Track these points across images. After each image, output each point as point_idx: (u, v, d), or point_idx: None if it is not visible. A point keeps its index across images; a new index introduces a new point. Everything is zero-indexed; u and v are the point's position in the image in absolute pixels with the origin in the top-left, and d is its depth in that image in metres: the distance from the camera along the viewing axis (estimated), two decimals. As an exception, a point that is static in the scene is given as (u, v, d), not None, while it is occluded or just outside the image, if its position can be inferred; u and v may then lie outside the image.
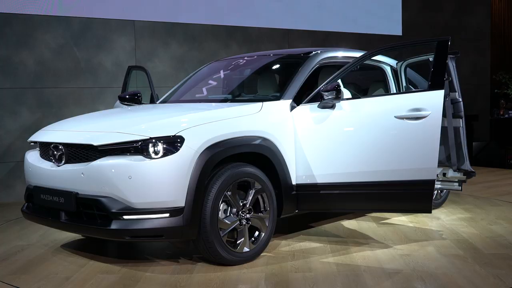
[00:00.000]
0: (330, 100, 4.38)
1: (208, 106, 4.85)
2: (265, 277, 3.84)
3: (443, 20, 11.41)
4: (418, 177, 4.31)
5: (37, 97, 7.57)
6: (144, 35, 8.30)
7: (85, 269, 4.09)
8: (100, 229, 3.86)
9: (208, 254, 4.01)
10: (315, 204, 4.57)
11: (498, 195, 7.12)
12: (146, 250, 4.66)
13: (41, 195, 4.20)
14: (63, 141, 4.12)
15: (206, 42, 8.79)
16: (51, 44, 7.63)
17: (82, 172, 3.90)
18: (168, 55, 8.49)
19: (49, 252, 4.62)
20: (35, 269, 4.13)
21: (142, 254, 4.58)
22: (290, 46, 9.50)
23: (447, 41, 4.38)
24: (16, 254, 4.58)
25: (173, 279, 3.81)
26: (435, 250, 4.53)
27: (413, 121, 4.29)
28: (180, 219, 3.79)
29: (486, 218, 5.75)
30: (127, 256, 4.51)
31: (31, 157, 4.51)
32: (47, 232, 5.27)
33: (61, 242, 4.90)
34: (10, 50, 7.38)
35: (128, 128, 3.98)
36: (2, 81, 7.35)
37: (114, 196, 3.77)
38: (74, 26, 7.78)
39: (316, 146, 4.43)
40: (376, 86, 5.73)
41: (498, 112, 11.59)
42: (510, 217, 5.79)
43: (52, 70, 7.64)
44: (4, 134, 7.38)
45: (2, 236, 5.24)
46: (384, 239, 4.88)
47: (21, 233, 5.32)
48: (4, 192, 7.39)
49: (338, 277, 3.83)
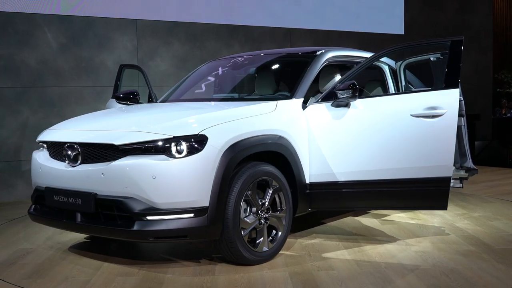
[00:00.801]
0: (346, 98, 4.38)
1: (223, 105, 4.79)
2: (290, 276, 3.82)
3: (445, 19, 11.40)
4: (434, 175, 4.35)
5: (39, 96, 7.57)
6: (146, 34, 8.30)
7: (102, 272, 3.99)
8: (122, 230, 3.78)
9: (230, 254, 3.97)
10: (328, 202, 4.58)
11: (500, 194, 7.11)
12: (157, 250, 4.60)
13: (54, 197, 4.08)
14: (79, 141, 4.01)
15: (208, 41, 8.79)
16: (53, 43, 7.63)
17: (102, 172, 3.81)
18: (170, 54, 8.49)
19: (56, 254, 4.51)
20: (48, 273, 4.01)
21: (155, 255, 4.51)
22: (292, 45, 9.50)
23: (461, 41, 4.43)
24: (23, 257, 4.46)
25: (197, 281, 3.74)
26: (447, 246, 4.56)
27: (429, 119, 4.32)
28: (205, 219, 3.74)
29: (483, 214, 5.81)
30: (140, 257, 4.46)
31: (40, 157, 4.38)
32: (50, 234, 5.20)
33: (67, 244, 4.81)
34: (12, 49, 7.38)
35: (150, 127, 3.91)
36: (4, 80, 7.36)
37: (136, 196, 3.70)
38: (76, 25, 7.78)
39: (331, 145, 4.44)
40: (374, 86, 5.74)
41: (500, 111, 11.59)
42: (506, 213, 5.86)
43: (54, 69, 7.64)
44: (6, 133, 7.38)
45: (4, 238, 5.18)
46: (392, 236, 4.91)
47: (24, 235, 5.24)
48: (6, 191, 7.40)
49: (362, 275, 3.84)
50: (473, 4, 11.70)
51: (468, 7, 11.63)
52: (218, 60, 5.97)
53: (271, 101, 4.46)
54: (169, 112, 4.59)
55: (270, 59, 5.64)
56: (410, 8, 10.87)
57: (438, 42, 4.75)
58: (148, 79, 6.00)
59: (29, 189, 7.41)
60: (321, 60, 4.89)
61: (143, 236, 3.73)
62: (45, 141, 4.41)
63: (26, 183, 7.49)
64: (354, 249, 4.49)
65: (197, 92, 5.69)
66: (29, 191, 7.41)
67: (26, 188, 7.49)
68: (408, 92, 4.78)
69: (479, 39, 11.68)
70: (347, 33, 10.10)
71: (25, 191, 7.50)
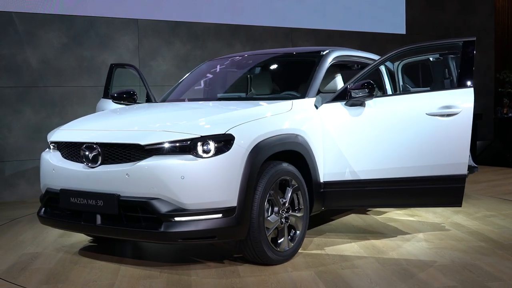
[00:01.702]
0: (362, 98, 4.39)
1: (238, 104, 4.73)
2: (317, 275, 3.81)
3: (446, 18, 11.38)
4: (449, 172, 4.39)
5: (41, 96, 7.58)
6: (147, 34, 8.30)
7: (122, 276, 3.88)
8: (149, 232, 3.70)
9: (254, 254, 3.95)
10: (342, 201, 4.60)
11: (502, 194, 7.10)
12: (169, 251, 4.54)
13: (71, 199, 3.96)
14: (100, 141, 3.90)
15: (209, 40, 8.79)
16: (55, 43, 7.64)
17: (127, 173, 3.72)
18: (172, 53, 8.49)
19: (66, 258, 4.38)
20: (66, 278, 3.88)
21: (168, 256, 4.47)
22: (294, 44, 9.49)
23: (473, 41, 4.52)
24: (32, 261, 4.32)
25: (226, 283, 3.69)
26: (457, 243, 4.61)
27: (444, 118, 4.37)
28: (233, 219, 3.71)
29: (485, 213, 5.85)
30: (154, 258, 4.37)
31: (53, 158, 4.22)
32: (53, 236, 5.10)
33: (74, 247, 4.70)
34: (13, 49, 7.38)
35: (175, 127, 3.86)
36: (5, 80, 7.36)
37: (163, 197, 3.64)
38: (77, 25, 7.78)
39: (346, 144, 4.46)
40: None
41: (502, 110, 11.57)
42: (509, 212, 5.91)
43: (56, 69, 7.65)
44: (8, 133, 7.39)
45: (7, 240, 5.09)
46: (399, 233, 4.97)
47: (27, 237, 5.14)
48: (8, 191, 7.40)
49: (387, 272, 3.87)
50: (474, 4, 11.68)
51: (469, 6, 11.61)
52: (217, 60, 5.92)
53: (287, 100, 4.47)
54: (189, 112, 4.55)
55: (275, 59, 5.64)
56: (412, 7, 10.86)
57: (450, 43, 4.81)
58: (145, 78, 5.92)
59: (31, 189, 7.46)
60: (328, 60, 4.91)
61: (171, 237, 3.67)
62: (59, 142, 4.26)
63: (27, 182, 7.50)
64: (368, 247, 4.52)
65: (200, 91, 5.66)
66: (31, 190, 7.47)
67: (28, 187, 7.50)
68: (423, 91, 4.81)
69: (480, 39, 11.66)
70: (349, 32, 10.10)
71: (27, 191, 7.50)
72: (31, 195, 7.51)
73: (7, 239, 5.09)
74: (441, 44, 4.89)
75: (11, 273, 4.01)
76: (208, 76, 5.77)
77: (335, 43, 9.73)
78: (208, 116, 4.15)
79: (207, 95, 5.63)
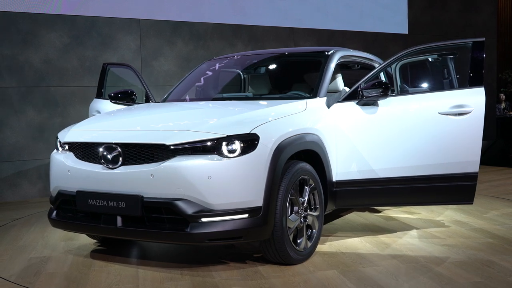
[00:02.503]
0: (376, 97, 4.42)
1: (255, 104, 4.67)
2: (342, 274, 3.82)
3: (448, 18, 11.37)
4: (461, 171, 4.47)
5: (43, 96, 7.59)
6: (149, 34, 8.30)
7: (144, 279, 3.79)
8: (175, 233, 3.66)
9: (276, 254, 3.93)
10: (354, 200, 4.63)
11: (504, 194, 7.09)
12: (181, 252, 4.52)
13: (89, 201, 3.85)
14: (121, 141, 3.81)
15: (211, 40, 8.79)
16: (57, 43, 7.65)
17: (152, 173, 3.66)
18: (174, 53, 8.49)
19: (78, 261, 4.27)
20: (86, 282, 3.76)
21: (182, 257, 4.41)
22: (296, 44, 9.49)
23: (483, 42, 4.59)
24: (43, 265, 4.19)
25: (253, 284, 3.65)
26: (466, 239, 4.68)
27: (456, 117, 4.43)
28: (259, 219, 3.69)
29: (481, 210, 5.91)
30: (169, 260, 4.29)
31: (67, 159, 4.10)
32: (57, 238, 5.01)
33: (82, 249, 4.60)
34: (15, 49, 7.39)
35: (200, 126, 3.81)
36: (7, 80, 7.37)
37: (190, 198, 3.60)
38: (79, 25, 7.79)
39: (359, 143, 4.49)
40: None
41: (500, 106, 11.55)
42: (502, 209, 6.00)
43: (58, 69, 7.66)
44: (10, 133, 7.40)
45: (9, 243, 4.96)
46: (406, 230, 5.03)
47: (31, 239, 5.03)
48: (10, 191, 7.41)
49: (409, 269, 3.91)
50: (477, 3, 11.66)
51: (472, 6, 11.60)
52: (220, 59, 5.87)
53: (301, 100, 4.48)
54: (208, 111, 4.51)
55: (281, 59, 5.64)
56: (414, 7, 10.84)
57: (459, 43, 4.86)
58: (142, 78, 5.85)
59: (33, 189, 7.48)
60: (335, 59, 4.93)
61: (198, 238, 3.63)
62: (74, 142, 4.13)
63: (29, 182, 7.51)
64: (380, 245, 4.55)
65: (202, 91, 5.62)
66: (33, 190, 7.48)
67: (29, 187, 7.51)
68: (434, 91, 4.87)
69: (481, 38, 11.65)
70: (351, 32, 10.09)
71: (29, 191, 7.51)
72: (33, 195, 7.53)
73: (10, 241, 5.06)
74: (451, 45, 4.96)
75: (26, 277, 3.89)
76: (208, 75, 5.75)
77: (337, 43, 9.72)
78: (229, 116, 4.10)
79: (210, 94, 5.58)
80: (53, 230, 5.26)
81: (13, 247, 4.80)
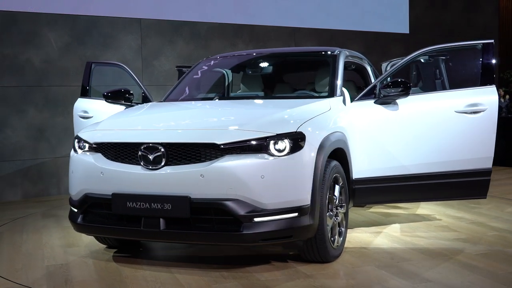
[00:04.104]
0: (396, 96, 4.47)
1: (285, 102, 4.62)
2: (382, 269, 3.87)
3: (450, 18, 11.35)
4: (476, 166, 4.59)
5: (44, 96, 7.58)
6: (150, 33, 8.29)
7: (188, 283, 3.66)
8: (227, 234, 3.59)
9: (317, 252, 3.93)
10: (372, 197, 4.69)
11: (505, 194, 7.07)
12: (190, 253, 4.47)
13: (128, 203, 3.70)
14: (166, 141, 3.69)
15: (212, 40, 8.78)
16: (58, 42, 7.64)
17: (202, 173, 3.56)
18: (175, 53, 8.48)
19: (105, 267, 4.06)
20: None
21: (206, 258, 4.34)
22: (297, 44, 9.48)
23: (492, 43, 4.75)
24: (67, 273, 3.97)
25: (303, 283, 3.61)
26: (477, 233, 4.82)
27: (472, 115, 4.54)
28: (308, 217, 3.67)
29: (482, 210, 5.93)
30: (199, 261, 4.19)
31: (98, 161, 3.90)
32: (64, 243, 4.85)
33: (100, 254, 4.40)
34: (16, 49, 7.39)
35: (248, 125, 3.73)
36: (8, 80, 7.37)
37: (241, 197, 3.52)
38: (80, 25, 7.78)
39: (377, 141, 4.56)
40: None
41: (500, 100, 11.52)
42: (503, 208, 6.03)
43: (59, 69, 7.65)
44: (11, 133, 7.39)
45: (12, 248, 4.79)
46: (412, 227, 5.09)
47: (36, 244, 4.82)
48: (10, 190, 7.40)
49: (443, 263, 3.99)
50: (478, 3, 11.65)
51: (473, 6, 11.58)
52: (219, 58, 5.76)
53: (323, 99, 4.51)
54: (244, 110, 4.44)
55: (289, 57, 5.66)
56: (415, 7, 10.83)
57: (469, 45, 5.00)
58: (135, 77, 5.70)
59: (34, 188, 7.46)
60: (342, 58, 4.98)
61: (252, 239, 3.57)
62: (106, 143, 3.92)
63: (30, 182, 7.50)
64: (397, 240, 4.63)
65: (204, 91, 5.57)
66: (34, 190, 7.47)
67: (30, 187, 7.51)
68: (449, 90, 5.02)
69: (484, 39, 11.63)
70: (352, 32, 10.08)
71: (29, 190, 7.51)
72: (34, 195, 7.52)
73: (11, 245, 4.97)
74: (461, 46, 5.08)
75: (59, 287, 3.70)
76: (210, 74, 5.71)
77: (338, 43, 9.70)
78: (269, 115, 4.00)
79: (215, 93, 5.50)
80: (50, 234, 5.18)
81: (18, 253, 4.59)
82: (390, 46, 10.48)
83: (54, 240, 4.99)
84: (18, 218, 6.09)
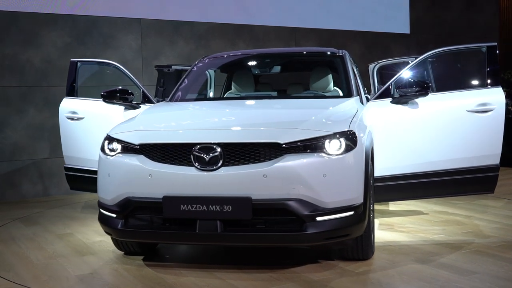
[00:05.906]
0: (414, 96, 4.58)
1: (316, 102, 4.65)
2: (423, 263, 3.94)
3: (451, 18, 11.34)
4: (485, 163, 4.80)
5: (44, 96, 7.57)
6: (150, 34, 8.29)
7: (241, 284, 3.60)
8: (291, 235, 3.55)
9: (361, 249, 3.96)
10: (386, 195, 4.78)
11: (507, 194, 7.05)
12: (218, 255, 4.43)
13: (182, 206, 3.57)
14: (225, 141, 3.59)
15: (212, 40, 8.78)
16: (58, 42, 7.63)
17: (264, 173, 3.49)
18: (175, 53, 8.47)
19: (137, 275, 3.86)
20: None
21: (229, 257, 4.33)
22: (297, 44, 9.47)
23: (495, 46, 4.93)
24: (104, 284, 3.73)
25: (359, 280, 3.64)
26: (481, 230, 4.98)
27: (482, 114, 4.73)
28: (361, 215, 3.69)
29: (484, 209, 5.96)
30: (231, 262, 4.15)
31: (145, 162, 3.71)
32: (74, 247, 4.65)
33: (122, 261, 4.19)
34: (16, 49, 7.38)
35: (304, 124, 3.72)
36: (8, 80, 7.36)
37: (304, 197, 3.50)
38: (80, 25, 7.78)
39: (393, 139, 4.69)
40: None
41: None
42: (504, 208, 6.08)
43: (59, 69, 7.64)
44: (11, 132, 7.38)
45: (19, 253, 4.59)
46: (421, 226, 5.19)
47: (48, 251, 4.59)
48: (10, 190, 7.39)
49: (471, 256, 4.14)
50: (479, 3, 11.63)
51: (474, 6, 11.57)
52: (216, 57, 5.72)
53: (346, 98, 4.57)
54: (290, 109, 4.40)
55: (295, 58, 5.70)
56: (416, 7, 10.82)
57: (473, 47, 5.18)
58: (131, 76, 5.54)
59: (34, 188, 7.45)
60: (348, 58, 5.08)
61: (316, 238, 3.57)
62: (153, 144, 3.75)
63: (30, 182, 7.49)
64: (414, 237, 4.76)
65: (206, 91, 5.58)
66: (34, 190, 7.46)
67: (30, 187, 7.50)
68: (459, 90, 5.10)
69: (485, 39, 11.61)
70: (353, 32, 10.07)
71: (30, 190, 7.50)
72: (33, 195, 7.51)
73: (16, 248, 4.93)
74: (465, 48, 5.25)
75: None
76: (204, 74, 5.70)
77: (339, 43, 9.70)
78: (315, 115, 3.97)
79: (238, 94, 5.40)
80: (51, 238, 5.09)
81: (33, 260, 4.34)
82: (390, 46, 10.47)
83: (57, 246, 4.76)
84: (18, 218, 6.08)
